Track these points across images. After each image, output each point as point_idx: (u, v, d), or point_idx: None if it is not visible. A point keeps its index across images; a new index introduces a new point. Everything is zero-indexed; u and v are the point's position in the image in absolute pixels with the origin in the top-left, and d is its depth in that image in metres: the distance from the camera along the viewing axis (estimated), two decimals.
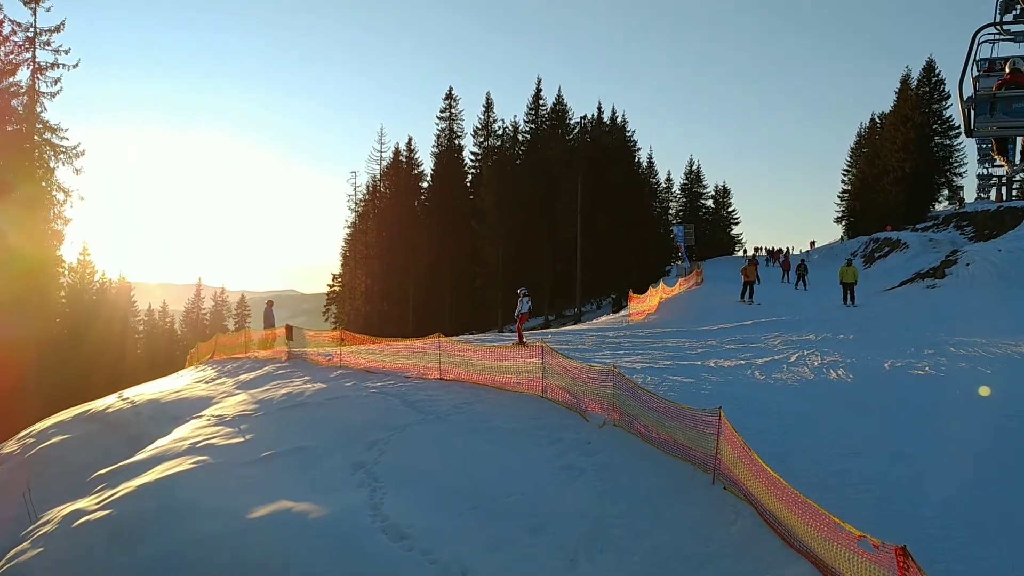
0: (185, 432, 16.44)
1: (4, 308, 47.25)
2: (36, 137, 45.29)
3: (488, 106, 74.73)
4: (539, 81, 72.74)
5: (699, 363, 18.36)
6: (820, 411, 13.67)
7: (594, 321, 36.18)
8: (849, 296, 29.97)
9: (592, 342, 22.96)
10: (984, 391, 14.77)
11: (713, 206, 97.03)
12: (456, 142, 78.40)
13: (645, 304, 29.66)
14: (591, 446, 12.18)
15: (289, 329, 22.57)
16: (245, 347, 24.97)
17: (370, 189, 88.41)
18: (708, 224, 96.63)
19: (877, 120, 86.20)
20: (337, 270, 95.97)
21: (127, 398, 22.88)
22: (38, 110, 45.22)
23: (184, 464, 13.80)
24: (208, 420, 17.15)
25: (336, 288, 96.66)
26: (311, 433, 14.51)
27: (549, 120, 70.86)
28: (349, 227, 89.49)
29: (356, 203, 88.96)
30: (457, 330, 73.75)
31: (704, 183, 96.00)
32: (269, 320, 26.31)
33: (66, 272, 72.25)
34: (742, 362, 18.31)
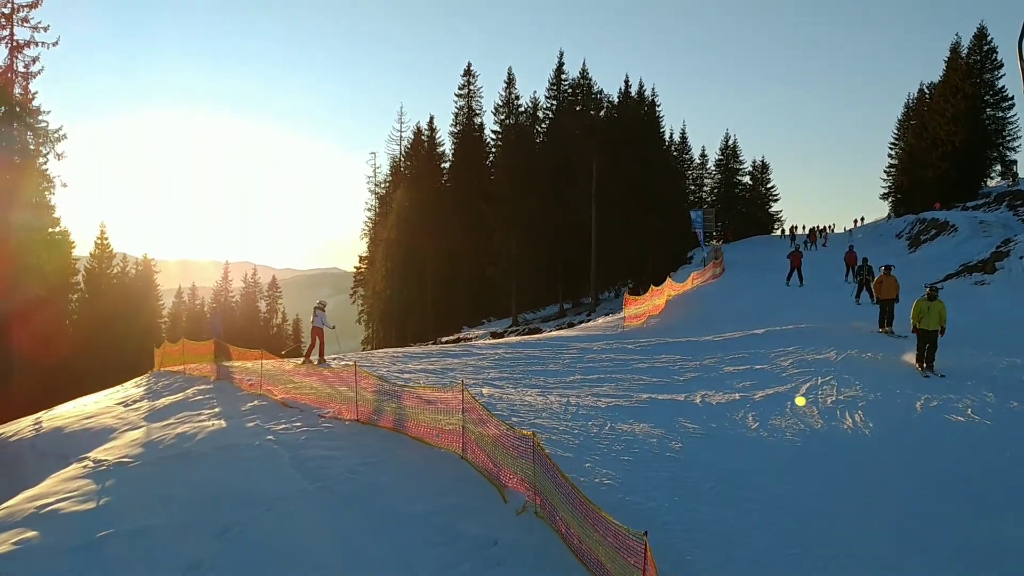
0: (48, 485, 13.51)
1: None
2: (16, 123, 42.77)
3: (510, 82, 70.93)
4: (561, 55, 68.85)
5: (683, 397, 14.91)
6: (825, 502, 10.16)
7: (588, 324, 32.65)
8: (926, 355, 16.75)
9: (570, 357, 19.57)
10: None
11: (750, 183, 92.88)
12: (475, 120, 74.89)
13: (644, 306, 26.13)
14: (496, 551, 8.90)
15: (218, 345, 19.50)
16: (183, 360, 22.00)
17: (393, 168, 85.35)
18: (745, 202, 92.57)
19: (925, 91, 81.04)
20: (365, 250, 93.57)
21: (40, 421, 20.21)
22: (17, 91, 42.64)
23: (3, 545, 10.85)
24: (84, 468, 14.14)
25: (363, 269, 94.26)
26: (168, 503, 11.40)
27: (572, 96, 67.04)
28: (369, 209, 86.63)
29: (376, 184, 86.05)
30: (475, 318, 70.95)
31: (741, 159, 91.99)
32: (215, 329, 23.29)
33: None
34: (737, 397, 14.83)
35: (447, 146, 78.13)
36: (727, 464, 11.05)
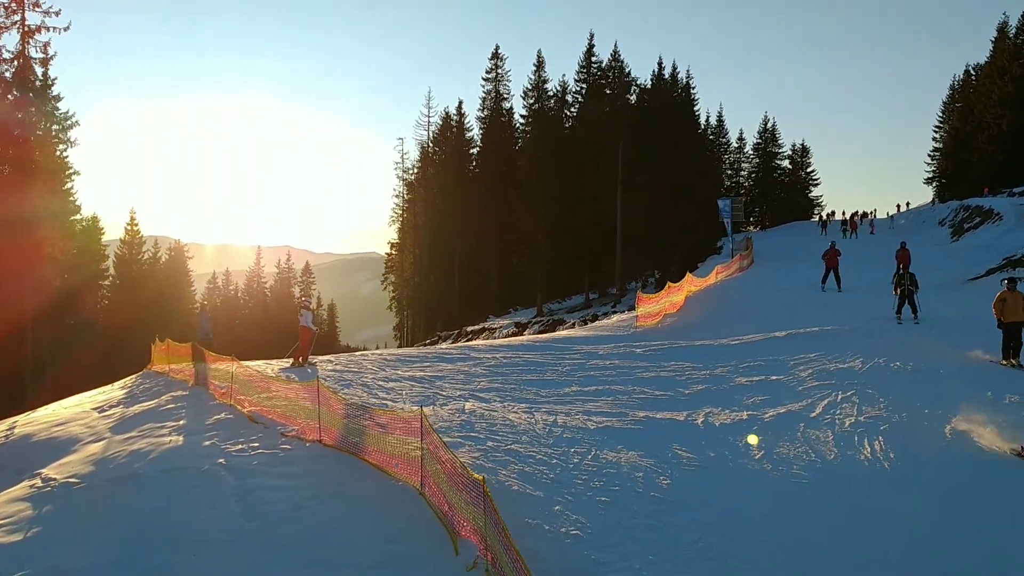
0: None
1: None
2: (32, 109, 42.08)
3: (539, 65, 69.04)
4: (591, 36, 66.66)
5: (684, 416, 13.45)
6: (828, 560, 8.68)
7: (600, 323, 31.04)
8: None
9: (571, 363, 18.13)
10: None
11: (790, 167, 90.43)
12: (503, 105, 73.26)
13: (660, 304, 24.51)
14: None
15: (195, 349, 18.34)
16: (167, 360, 20.88)
17: (422, 155, 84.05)
18: (784, 186, 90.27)
19: (972, 72, 77.89)
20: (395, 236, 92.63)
21: (15, 425, 19.22)
22: (32, 78, 41.91)
23: None
24: (31, 488, 13.04)
25: (393, 255, 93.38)
26: (96, 538, 10.24)
27: (602, 79, 65.09)
28: (397, 195, 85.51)
29: (404, 171, 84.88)
30: (503, 307, 69.64)
31: (780, 142, 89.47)
32: (203, 329, 22.17)
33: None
34: (744, 416, 13.33)
35: (476, 131, 76.77)
36: (719, 507, 9.61)
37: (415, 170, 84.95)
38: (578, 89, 65.86)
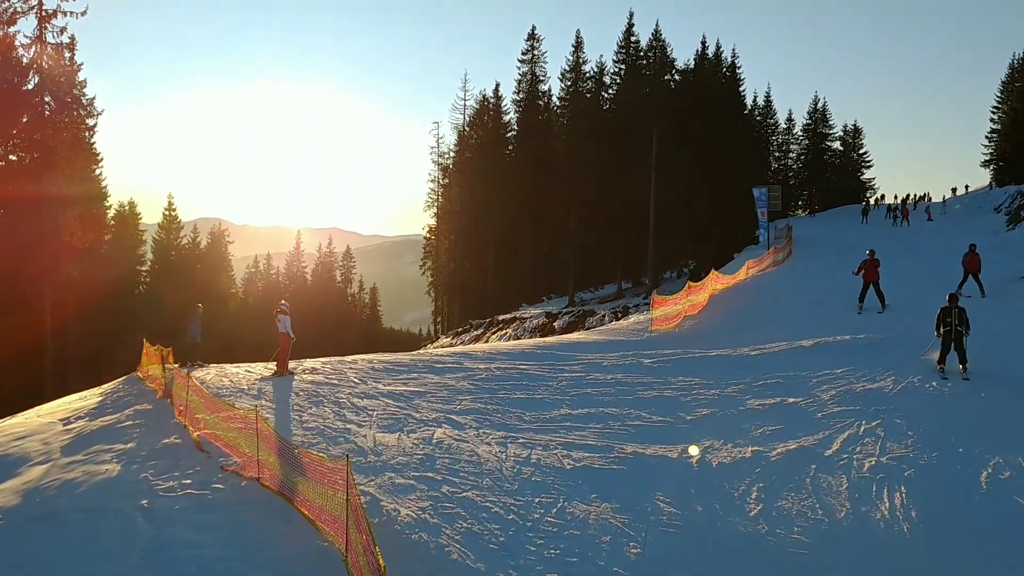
0: None
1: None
2: (48, 96, 41.28)
3: (577, 45, 66.87)
4: (631, 16, 64.29)
5: (677, 452, 11.74)
6: None
7: (613, 325, 29.11)
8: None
9: (569, 377, 16.43)
10: None
11: (841, 148, 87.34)
12: (539, 87, 71.12)
13: (680, 306, 22.61)
14: None
15: (162, 359, 17.02)
16: (145, 366, 19.58)
17: (459, 138, 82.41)
18: (834, 169, 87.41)
19: None
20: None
21: None
22: (46, 64, 41.08)
23: None
24: None
25: (431, 240, 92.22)
26: None
27: (641, 60, 62.70)
28: (432, 180, 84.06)
29: (439, 155, 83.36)
30: (536, 295, 67.97)
31: (831, 123, 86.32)
32: (191, 331, 20.79)
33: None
34: (748, 453, 11.59)
35: (513, 115, 74.86)
36: None
37: (451, 154, 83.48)
38: (616, 71, 63.59)
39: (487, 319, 65.06)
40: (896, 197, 67.83)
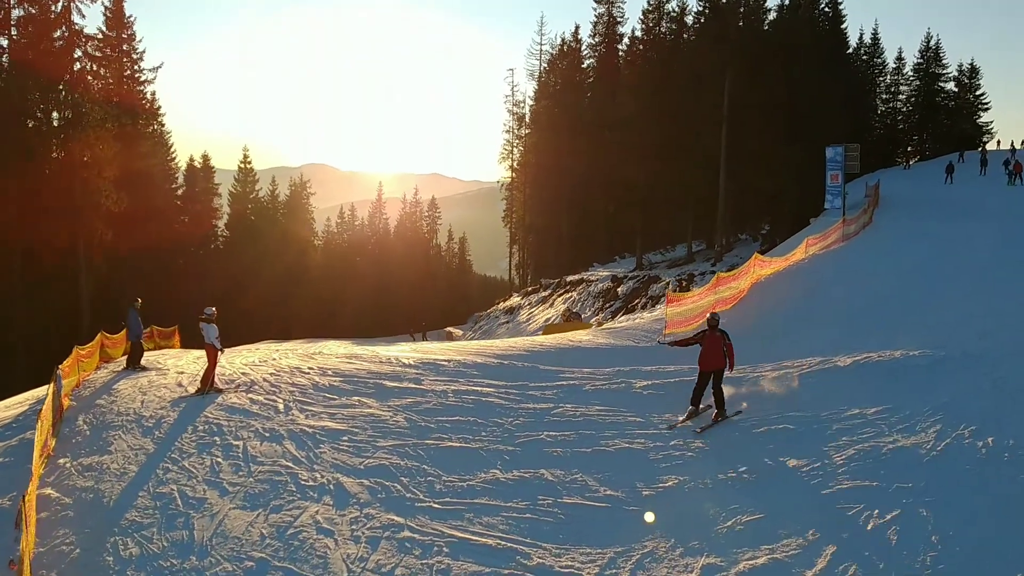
0: None
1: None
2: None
3: None
4: None
5: (598, 567, 8.59)
6: None
7: (628, 323, 25.32)
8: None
9: (531, 410, 13.29)
10: None
11: (955, 90, 79.87)
12: (616, 30, 66.49)
13: (703, 302, 18.91)
14: None
15: (55, 380, 14.55)
16: (73, 371, 17.23)
17: (538, 87, 78.45)
18: (948, 112, 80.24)
19: None
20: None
21: None
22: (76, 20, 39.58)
23: None
24: None
25: (510, 194, 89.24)
26: None
27: None
28: (507, 131, 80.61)
29: (515, 104, 79.76)
30: (608, 254, 64.40)
31: (944, 62, 78.91)
32: (133, 328, 18.48)
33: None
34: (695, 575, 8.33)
35: (591, 62, 70.47)
36: None
37: (526, 103, 79.84)
38: (700, 9, 58.42)
39: (556, 279, 62.17)
40: (1013, 144, 60.48)
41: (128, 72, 50.84)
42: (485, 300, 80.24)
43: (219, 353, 15.74)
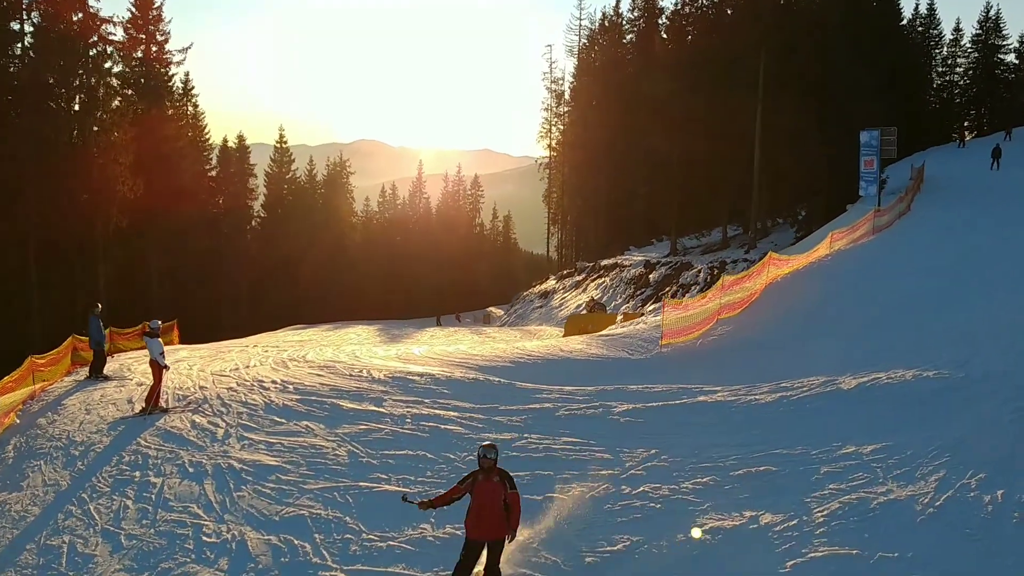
0: None
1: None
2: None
3: None
4: None
5: None
6: None
7: (620, 332, 23.20)
8: None
9: (501, 433, 11.90)
10: None
11: (1016, 62, 76.18)
12: (656, 4, 63.98)
13: (707, 308, 17.20)
14: None
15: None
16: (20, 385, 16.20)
17: (578, 63, 76.28)
18: (1009, 85, 76.56)
19: None
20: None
21: None
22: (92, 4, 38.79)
23: None
24: None
25: (548, 173, 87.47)
26: None
27: None
28: (545, 109, 78.72)
29: (553, 81, 77.81)
30: (646, 237, 62.39)
31: (1004, 32, 75.17)
32: (93, 335, 17.43)
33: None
34: None
35: (631, 37, 68.16)
36: None
37: (565, 80, 77.85)
38: None
39: (591, 263, 60.65)
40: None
41: (154, 54, 50.15)
42: (532, 279, 78.71)
43: (164, 371, 14.63)
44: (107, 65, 41.55)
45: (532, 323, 55.02)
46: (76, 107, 39.74)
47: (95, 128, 38.37)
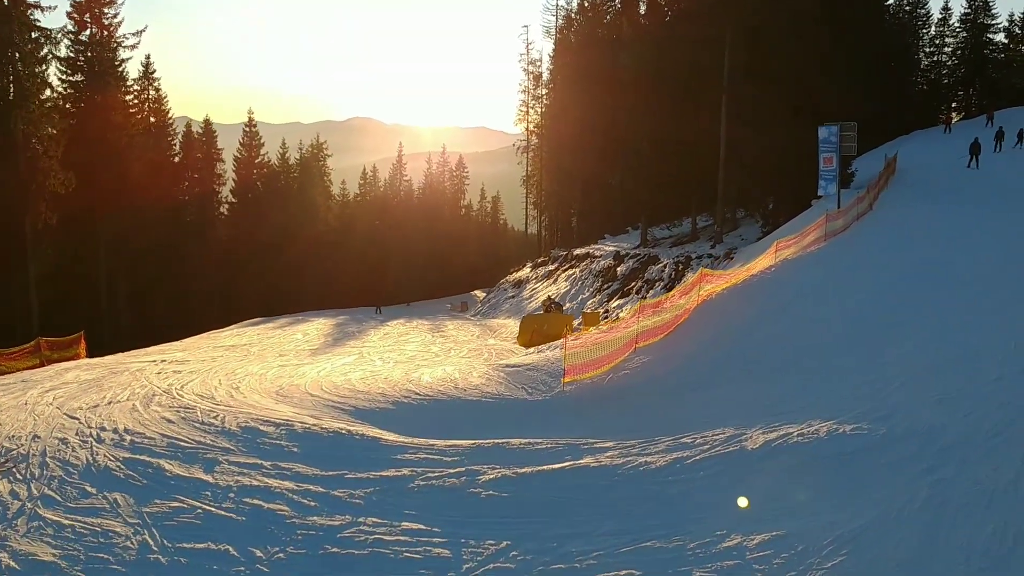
0: None
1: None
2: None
3: None
4: None
5: None
6: None
7: (524, 362, 20.90)
8: None
9: (332, 517, 9.94)
10: None
11: (1006, 41, 75.16)
12: None
13: (616, 339, 15.18)
14: None
15: None
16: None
17: (556, 45, 74.01)
18: (998, 65, 75.41)
19: None
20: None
21: None
22: None
23: None
24: None
25: (525, 156, 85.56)
26: None
27: None
28: (523, 91, 76.59)
29: (530, 63, 75.63)
30: (621, 225, 60.59)
31: (993, 11, 74.00)
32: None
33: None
34: None
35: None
36: None
37: (543, 62, 75.71)
38: None
39: (565, 252, 59.09)
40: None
41: (103, 39, 48.02)
42: (524, 259, 77.08)
43: None
44: (42, 53, 39.31)
45: (501, 315, 53.35)
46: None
47: (21, 123, 36.19)
